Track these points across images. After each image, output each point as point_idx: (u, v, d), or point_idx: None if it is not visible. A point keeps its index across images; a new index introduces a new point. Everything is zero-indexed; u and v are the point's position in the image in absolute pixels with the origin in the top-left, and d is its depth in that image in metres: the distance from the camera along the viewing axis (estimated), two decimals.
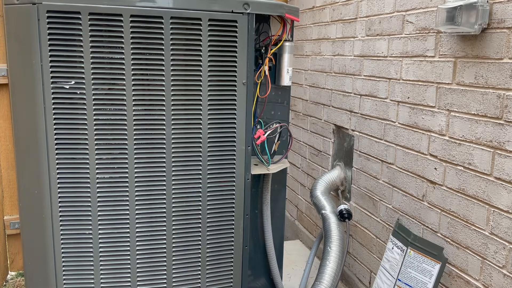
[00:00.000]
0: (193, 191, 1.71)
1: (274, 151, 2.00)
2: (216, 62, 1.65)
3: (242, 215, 1.80)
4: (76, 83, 1.54)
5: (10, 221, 2.64)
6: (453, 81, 1.72)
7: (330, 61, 2.73)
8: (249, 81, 1.70)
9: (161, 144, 1.64)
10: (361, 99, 2.37)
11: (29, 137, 1.57)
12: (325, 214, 2.32)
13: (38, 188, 1.59)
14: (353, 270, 2.52)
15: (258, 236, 2.10)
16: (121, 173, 1.62)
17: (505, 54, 1.48)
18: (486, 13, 1.52)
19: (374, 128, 2.25)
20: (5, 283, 2.63)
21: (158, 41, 1.57)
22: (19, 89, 1.56)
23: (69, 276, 1.65)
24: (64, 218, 1.61)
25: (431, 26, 1.83)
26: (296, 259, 2.95)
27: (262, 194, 2.06)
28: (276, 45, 1.84)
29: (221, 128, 1.71)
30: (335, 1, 2.66)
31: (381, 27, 2.18)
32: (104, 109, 1.57)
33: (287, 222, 3.42)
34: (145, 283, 1.71)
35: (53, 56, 1.51)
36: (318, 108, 2.90)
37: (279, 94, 2.01)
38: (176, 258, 1.74)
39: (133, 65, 1.56)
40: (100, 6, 1.50)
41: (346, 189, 2.56)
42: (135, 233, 1.67)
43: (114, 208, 1.64)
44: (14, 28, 1.53)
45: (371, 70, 2.27)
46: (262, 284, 2.17)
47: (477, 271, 1.63)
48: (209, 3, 1.60)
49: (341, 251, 2.15)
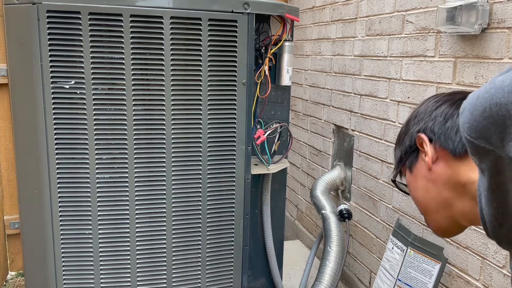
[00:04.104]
0: (193, 191, 1.71)
1: (274, 151, 2.00)
2: (216, 62, 1.65)
3: (242, 215, 1.80)
4: (76, 83, 1.54)
5: (10, 221, 2.64)
6: (453, 81, 1.72)
7: (330, 61, 2.73)
8: (249, 81, 1.70)
9: (161, 144, 1.64)
10: (361, 99, 2.37)
11: (29, 137, 1.57)
12: (325, 214, 2.32)
13: (38, 188, 1.59)
14: (353, 270, 2.52)
15: (258, 236, 2.10)
16: (121, 173, 1.62)
17: (505, 54, 1.48)
18: (486, 13, 1.52)
19: (374, 128, 2.25)
20: (5, 283, 2.63)
21: (158, 41, 1.57)
22: (19, 89, 1.56)
23: (69, 276, 1.65)
24: (64, 218, 1.61)
25: (431, 26, 1.83)
26: (296, 259, 2.95)
27: (262, 194, 2.06)
28: (276, 45, 1.84)
29: (221, 128, 1.70)
30: (335, 1, 2.66)
31: (381, 27, 2.18)
32: (104, 109, 1.57)
33: (287, 222, 3.42)
34: (145, 283, 1.71)
35: (53, 56, 1.51)
36: (318, 108, 2.90)
37: (279, 94, 2.01)
38: (176, 258, 1.74)
39: (133, 65, 1.56)
40: (100, 6, 1.50)
41: (346, 189, 2.56)
42: (135, 233, 1.67)
43: (114, 208, 1.64)
44: (14, 28, 1.53)
45: (371, 70, 2.27)
46: (262, 284, 2.17)
47: (477, 271, 1.63)
48: (209, 3, 1.60)
49: (341, 251, 2.15)
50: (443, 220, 0.82)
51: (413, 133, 0.84)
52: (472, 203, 0.74)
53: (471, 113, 0.55)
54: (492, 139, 0.53)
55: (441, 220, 0.82)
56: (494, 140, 0.52)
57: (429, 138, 0.80)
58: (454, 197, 0.78)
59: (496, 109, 0.51)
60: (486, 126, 0.53)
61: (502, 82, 0.52)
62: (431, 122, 0.81)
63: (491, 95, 0.52)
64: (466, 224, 0.80)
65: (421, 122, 0.83)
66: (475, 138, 0.54)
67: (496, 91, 0.52)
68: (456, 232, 0.84)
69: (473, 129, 0.54)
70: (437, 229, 0.85)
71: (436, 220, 0.83)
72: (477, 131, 0.54)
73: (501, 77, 0.53)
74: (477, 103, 0.54)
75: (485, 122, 0.53)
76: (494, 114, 0.51)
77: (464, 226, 0.82)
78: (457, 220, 0.80)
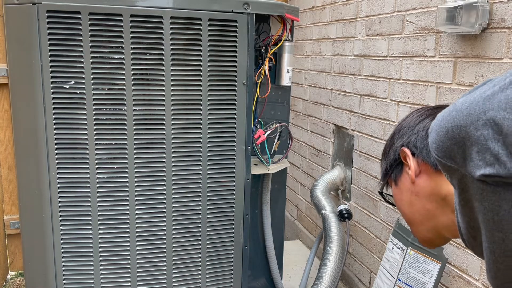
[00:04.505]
0: (193, 191, 1.71)
1: (274, 151, 2.00)
2: (216, 62, 1.65)
3: (242, 215, 1.80)
4: (76, 83, 1.54)
5: (10, 221, 2.64)
6: (453, 81, 1.72)
7: (330, 61, 2.73)
8: (249, 81, 1.70)
9: (161, 144, 1.64)
10: (361, 99, 2.37)
11: (29, 137, 1.57)
12: (325, 214, 2.32)
13: (38, 188, 1.59)
14: (353, 270, 2.52)
15: (258, 236, 2.10)
16: (121, 173, 1.62)
17: (505, 54, 1.48)
18: (486, 13, 1.52)
19: (374, 128, 2.25)
20: (5, 283, 2.63)
21: (158, 41, 1.57)
22: (19, 89, 1.56)
23: (69, 276, 1.65)
24: (64, 218, 1.61)
25: (431, 26, 1.83)
26: (296, 259, 2.95)
27: (262, 194, 2.06)
28: (276, 45, 1.84)
29: (221, 128, 1.70)
30: (335, 1, 2.66)
31: (381, 27, 2.18)
32: (104, 109, 1.57)
33: (287, 222, 3.42)
34: (145, 283, 1.71)
35: (53, 56, 1.51)
36: (318, 108, 2.90)
37: (279, 94, 2.01)
38: (176, 258, 1.74)
39: (133, 65, 1.56)
40: (100, 6, 1.50)
41: (346, 189, 2.56)
42: (135, 233, 1.67)
43: (114, 208, 1.64)
44: (14, 28, 1.53)
45: (371, 70, 2.27)
46: (262, 284, 2.17)
47: (477, 271, 1.63)
48: (209, 3, 1.60)
49: (341, 251, 2.15)
50: (427, 232, 0.84)
51: (397, 147, 0.87)
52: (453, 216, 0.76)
53: (437, 134, 0.57)
54: (457, 159, 0.55)
55: (425, 232, 0.84)
56: (458, 160, 0.55)
57: (412, 152, 0.83)
58: (437, 209, 0.80)
59: (457, 131, 0.54)
60: (450, 147, 0.55)
61: (462, 105, 0.55)
62: (414, 136, 0.84)
63: (452, 117, 0.55)
64: (449, 237, 0.82)
65: (405, 136, 0.86)
66: (442, 157, 0.57)
67: (457, 113, 0.55)
68: (440, 244, 0.86)
69: (440, 149, 0.57)
70: (422, 240, 0.87)
71: (421, 231, 0.85)
72: (443, 151, 0.57)
73: (462, 99, 0.56)
74: (441, 125, 0.57)
75: (448, 143, 0.55)
76: (456, 136, 0.54)
77: (448, 238, 0.84)
78: (441, 232, 0.82)
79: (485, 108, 0.52)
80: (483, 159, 0.51)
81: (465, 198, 0.57)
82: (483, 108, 0.52)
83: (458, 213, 0.60)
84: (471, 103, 0.54)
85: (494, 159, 0.50)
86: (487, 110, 0.51)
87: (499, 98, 0.51)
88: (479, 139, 0.51)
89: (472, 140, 0.52)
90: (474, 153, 0.52)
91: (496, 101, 0.51)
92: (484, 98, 0.52)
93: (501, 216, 0.52)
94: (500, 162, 0.50)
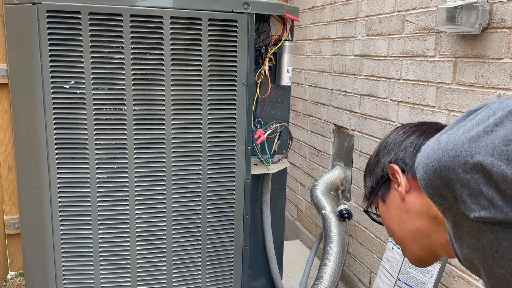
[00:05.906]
0: (193, 191, 1.71)
1: (274, 151, 2.00)
2: (216, 62, 1.65)
3: (242, 215, 1.80)
4: (76, 83, 1.54)
5: (10, 221, 2.64)
6: (453, 81, 1.72)
7: (330, 61, 2.73)
8: (249, 81, 1.70)
9: (161, 144, 1.64)
10: (361, 99, 2.37)
11: (29, 137, 1.57)
12: (325, 214, 2.32)
13: (38, 188, 1.59)
14: (353, 270, 2.52)
15: (258, 236, 2.10)
16: (121, 173, 1.62)
17: (505, 54, 1.48)
18: (486, 13, 1.51)
19: (374, 128, 2.25)
20: (5, 283, 2.63)
21: (158, 41, 1.57)
22: (19, 89, 1.56)
23: (69, 276, 1.65)
24: (64, 218, 1.61)
25: (431, 26, 1.83)
26: (296, 259, 2.95)
27: (262, 194, 2.06)
28: (276, 45, 1.84)
29: (221, 128, 1.70)
30: (335, 1, 2.66)
31: (381, 27, 2.18)
32: (104, 109, 1.57)
33: (287, 222, 3.42)
34: (145, 283, 1.71)
35: (53, 56, 1.51)
36: (318, 108, 2.90)
37: (279, 94, 2.01)
38: (176, 258, 1.74)
39: (133, 65, 1.56)
40: (100, 6, 1.50)
41: (346, 189, 2.56)
42: (135, 233, 1.67)
43: (114, 208, 1.64)
44: (14, 28, 1.53)
45: (371, 70, 2.27)
46: (262, 284, 2.17)
47: None
48: (209, 3, 1.60)
49: (341, 251, 2.15)
50: (419, 250, 0.82)
51: (385, 163, 0.85)
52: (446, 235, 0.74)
53: (424, 172, 0.56)
54: (448, 197, 0.54)
55: (417, 251, 0.82)
56: (450, 199, 0.54)
57: (401, 169, 0.81)
58: (429, 227, 0.78)
59: (446, 171, 0.53)
60: (440, 185, 0.54)
61: (447, 145, 0.53)
62: (401, 153, 0.82)
63: (438, 158, 0.53)
64: (445, 256, 0.80)
65: (392, 152, 0.84)
66: (433, 195, 0.56)
67: (442, 153, 0.53)
68: (432, 262, 0.85)
69: (429, 187, 0.56)
70: (414, 259, 0.85)
71: (413, 250, 0.83)
72: (432, 189, 0.56)
73: (445, 137, 0.54)
74: (428, 163, 0.55)
75: (438, 182, 0.54)
76: (444, 176, 0.53)
77: (440, 256, 0.82)
78: (435, 251, 0.80)
79: (471, 151, 0.50)
80: (477, 202, 0.50)
81: (459, 233, 0.56)
82: (469, 151, 0.50)
83: (454, 244, 0.59)
84: (456, 144, 0.52)
85: (489, 203, 0.49)
86: (474, 153, 0.50)
87: (485, 142, 0.49)
88: (469, 182, 0.50)
89: (462, 182, 0.51)
90: (465, 196, 0.51)
91: (482, 145, 0.49)
92: (469, 140, 0.51)
93: (501, 254, 0.51)
94: (496, 206, 0.49)
